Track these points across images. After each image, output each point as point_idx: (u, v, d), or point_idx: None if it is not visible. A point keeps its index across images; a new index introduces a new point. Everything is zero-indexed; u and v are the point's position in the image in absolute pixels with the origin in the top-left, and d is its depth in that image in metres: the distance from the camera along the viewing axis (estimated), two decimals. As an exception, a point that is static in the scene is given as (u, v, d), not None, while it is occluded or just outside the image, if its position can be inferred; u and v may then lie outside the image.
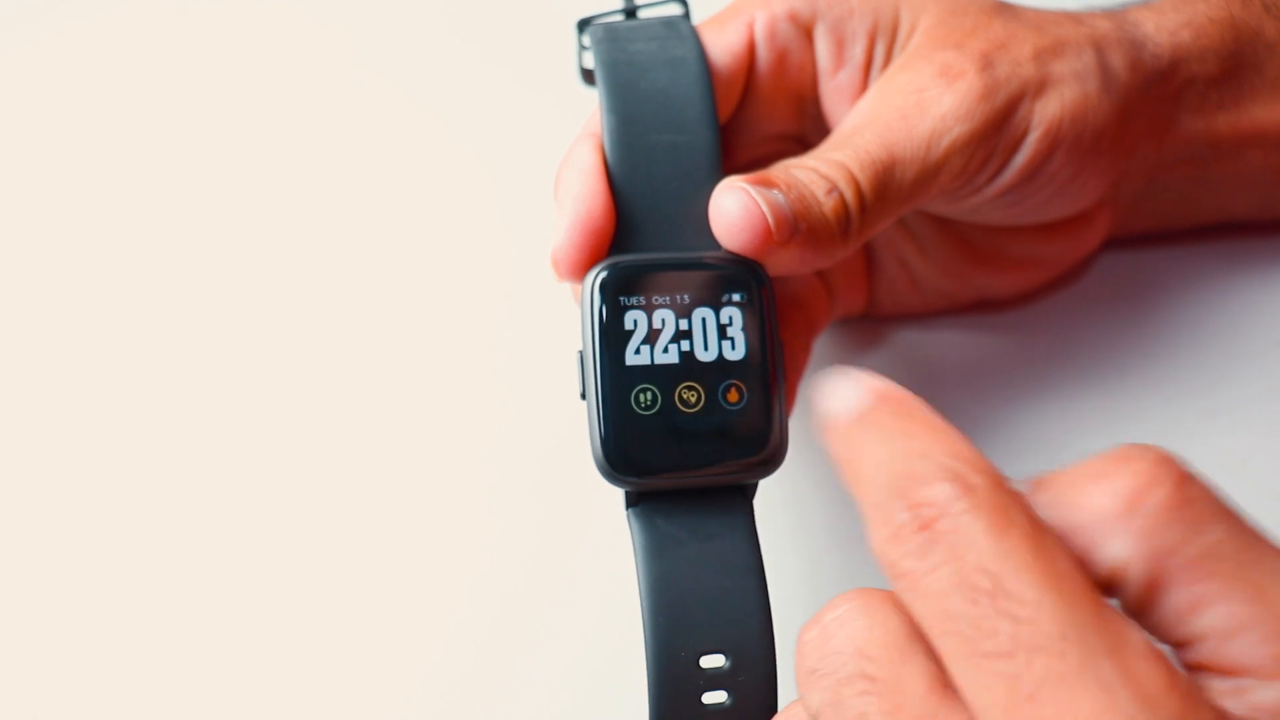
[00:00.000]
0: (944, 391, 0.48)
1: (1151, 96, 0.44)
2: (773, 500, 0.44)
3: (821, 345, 0.48)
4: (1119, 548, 0.26)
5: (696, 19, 0.44)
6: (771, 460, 0.36)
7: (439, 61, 0.57)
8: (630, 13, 0.43)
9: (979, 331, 0.49)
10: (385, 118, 0.56)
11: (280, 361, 0.49)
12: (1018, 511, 0.25)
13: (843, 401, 0.30)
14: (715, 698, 0.35)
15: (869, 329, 0.49)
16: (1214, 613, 0.25)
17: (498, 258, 0.52)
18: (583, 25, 0.43)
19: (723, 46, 0.42)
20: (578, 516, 0.45)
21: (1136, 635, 0.24)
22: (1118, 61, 0.43)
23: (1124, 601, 0.27)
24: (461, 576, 0.44)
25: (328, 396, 0.48)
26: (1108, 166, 0.44)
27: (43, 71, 0.58)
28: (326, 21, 0.59)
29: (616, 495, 0.37)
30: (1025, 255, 0.47)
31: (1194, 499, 0.26)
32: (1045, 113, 0.41)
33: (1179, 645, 0.26)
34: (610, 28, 0.42)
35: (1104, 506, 0.26)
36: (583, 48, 0.43)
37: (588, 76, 0.43)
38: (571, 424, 0.45)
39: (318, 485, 0.46)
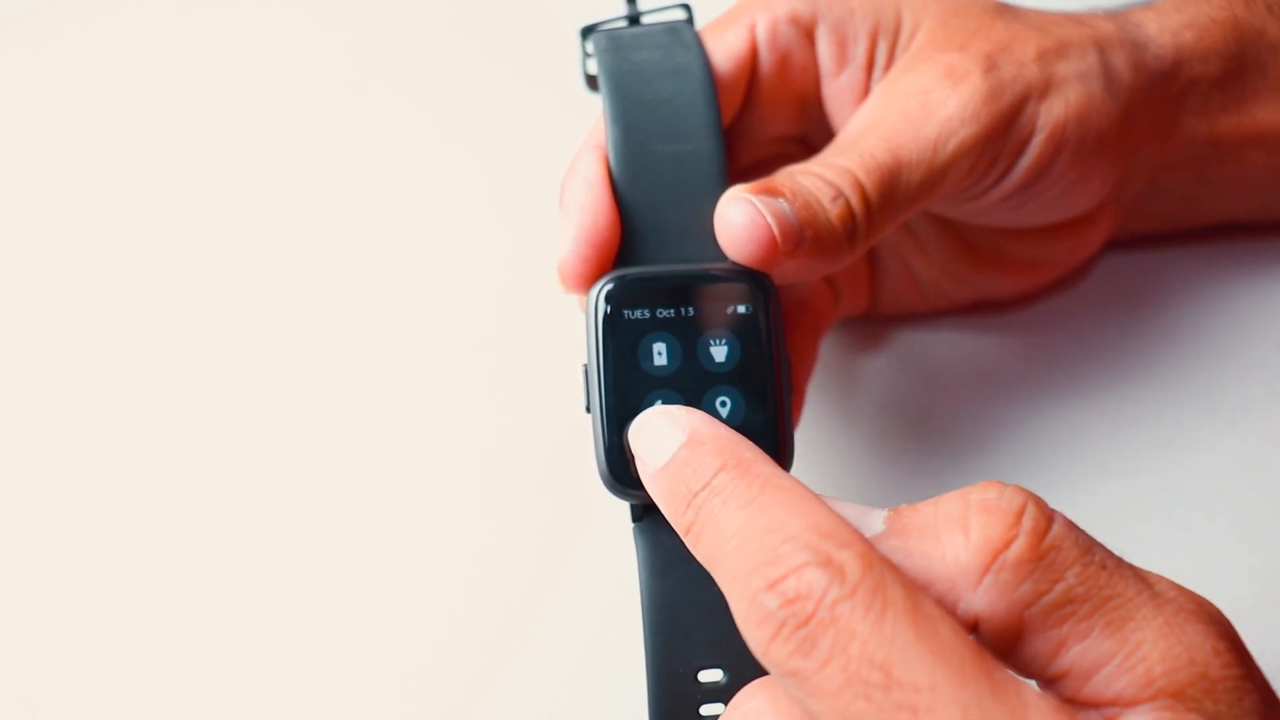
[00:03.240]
0: (945, 392, 0.48)
1: (1154, 98, 0.44)
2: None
3: (825, 346, 0.48)
4: (975, 601, 0.27)
5: (699, 21, 0.44)
6: None
7: (440, 62, 0.57)
8: (634, 19, 0.43)
9: (981, 332, 0.49)
10: (386, 119, 0.56)
11: (281, 363, 0.49)
12: (893, 585, 0.25)
13: (663, 448, 0.30)
14: (713, 709, 0.35)
15: (871, 329, 0.49)
16: (1073, 652, 0.26)
17: (499, 259, 0.52)
18: (586, 32, 0.43)
19: (725, 51, 0.41)
20: (579, 521, 0.45)
21: (1034, 697, 0.25)
22: (1121, 63, 0.43)
23: (984, 644, 0.27)
24: (462, 580, 0.44)
25: (328, 399, 0.48)
26: (1111, 168, 0.43)
27: (43, 71, 0.57)
28: (327, 22, 0.59)
29: (617, 500, 0.37)
30: (1027, 257, 0.47)
31: (1051, 549, 0.27)
32: (1050, 114, 0.41)
33: (1044, 681, 0.27)
34: (613, 35, 0.42)
35: (960, 561, 0.27)
36: (586, 54, 0.43)
37: (592, 83, 0.43)
38: (572, 427, 0.45)
39: (319, 487, 0.46)
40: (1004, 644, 0.27)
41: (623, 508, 0.37)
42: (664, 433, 0.31)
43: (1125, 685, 0.26)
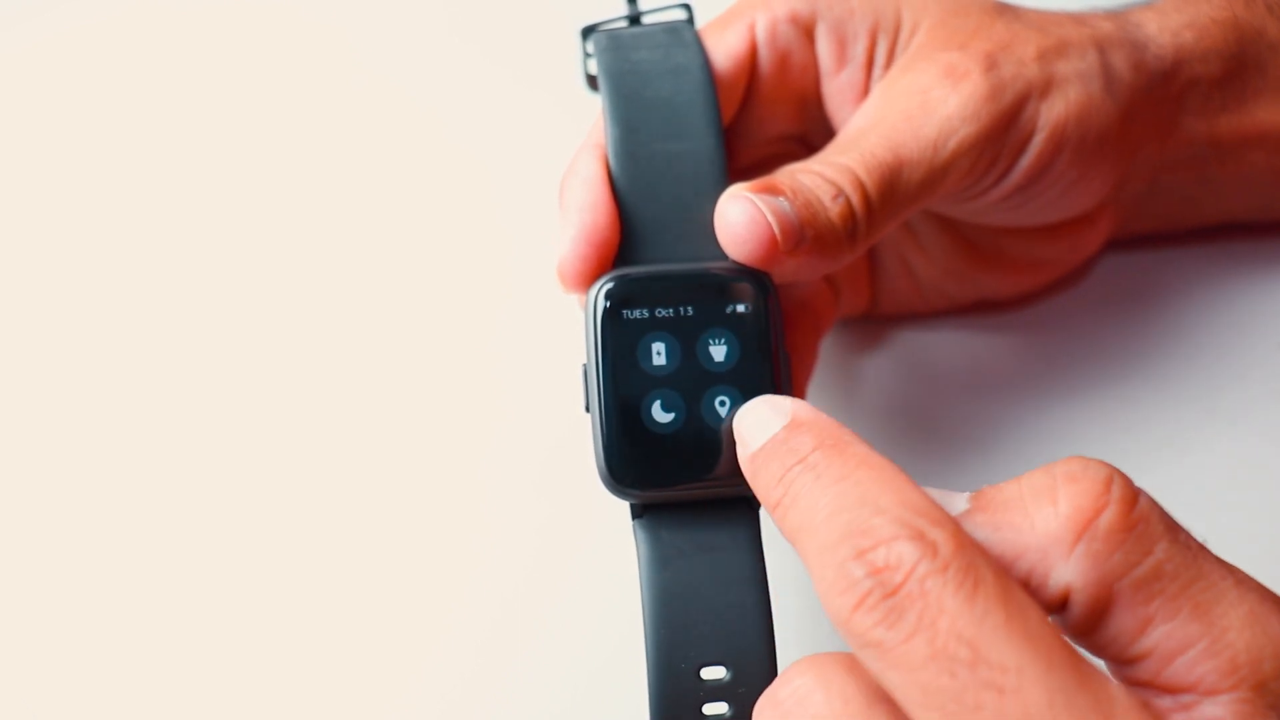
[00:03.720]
0: (945, 392, 0.48)
1: (1154, 98, 0.44)
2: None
3: (825, 345, 0.48)
4: (1066, 572, 0.27)
5: (699, 21, 0.44)
6: None
7: (440, 62, 0.57)
8: (634, 19, 0.43)
9: (981, 332, 0.49)
10: (386, 119, 0.56)
11: (281, 363, 0.49)
12: (984, 567, 0.25)
13: (764, 429, 0.30)
14: (716, 709, 0.35)
15: (871, 329, 0.49)
16: (1159, 632, 0.26)
17: (498, 259, 0.52)
18: (587, 32, 0.43)
19: (725, 50, 0.41)
20: (579, 519, 0.45)
21: (1118, 691, 0.24)
22: (1121, 62, 0.43)
23: (1068, 621, 0.27)
24: (462, 578, 0.44)
25: (328, 398, 0.48)
26: (1111, 168, 0.43)
27: (43, 71, 0.57)
28: (327, 22, 0.59)
29: (617, 499, 0.37)
30: (1027, 256, 0.47)
31: (1140, 520, 0.27)
32: (1051, 114, 0.41)
33: (1123, 663, 0.27)
34: (614, 35, 0.42)
35: (1051, 530, 0.27)
36: (587, 54, 0.43)
37: (593, 83, 0.43)
38: (572, 426, 0.45)
39: (319, 487, 0.46)
40: (1093, 617, 0.27)
41: (623, 507, 0.36)
42: (766, 417, 0.31)
43: (1208, 671, 0.26)
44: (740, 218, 0.36)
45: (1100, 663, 0.28)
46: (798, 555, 0.28)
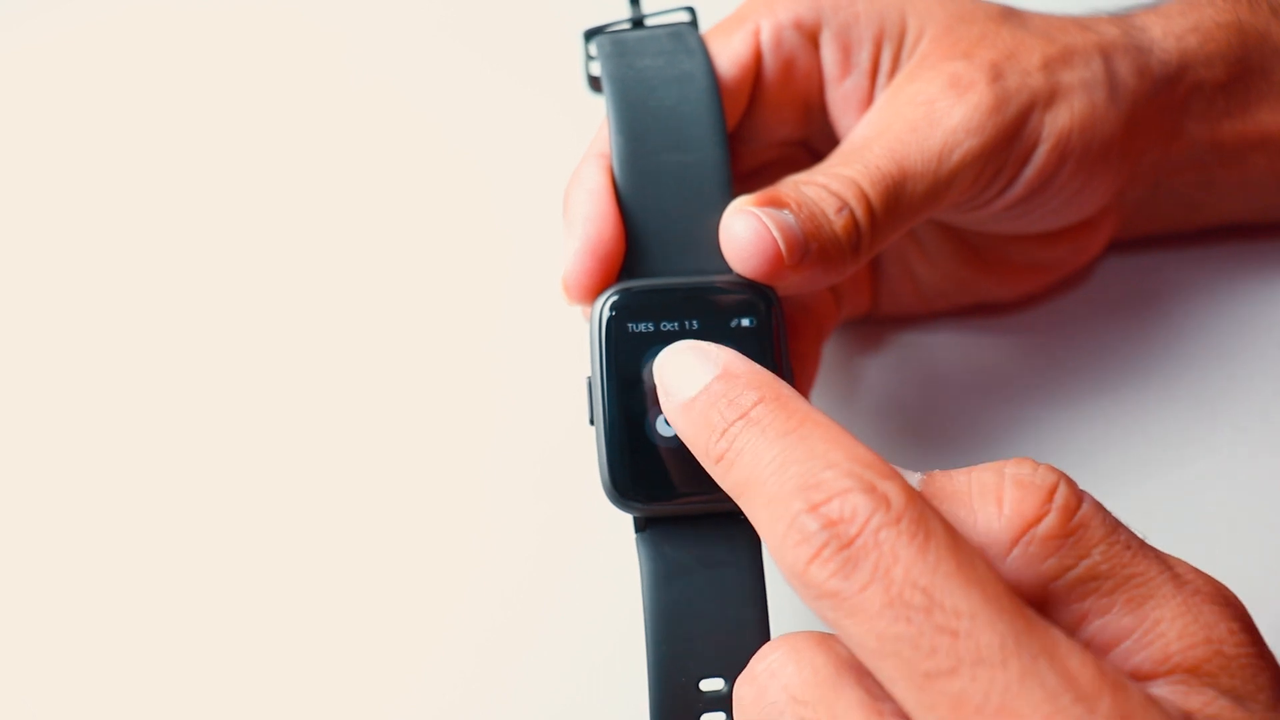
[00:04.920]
0: (946, 393, 0.48)
1: (1159, 103, 0.44)
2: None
3: (826, 347, 0.48)
4: (1004, 571, 0.28)
5: (702, 23, 0.43)
6: None
7: (440, 66, 0.57)
8: (637, 22, 0.43)
9: (982, 334, 0.49)
10: (387, 122, 0.55)
11: (281, 368, 0.49)
12: (934, 519, 0.26)
13: (694, 380, 0.31)
14: (714, 719, 0.35)
15: (872, 331, 0.49)
16: (1093, 627, 0.27)
17: (500, 265, 0.52)
18: (590, 35, 0.43)
19: (729, 56, 0.41)
20: (580, 530, 0.45)
21: (1059, 633, 0.25)
22: (1125, 69, 0.43)
23: None
24: (463, 589, 0.44)
25: (329, 405, 0.48)
26: (1114, 175, 0.43)
27: (43, 71, 0.57)
28: (326, 24, 0.58)
29: (619, 510, 0.37)
30: (1029, 261, 0.47)
31: (1079, 527, 0.28)
32: (1055, 124, 0.41)
33: None
34: (618, 40, 0.41)
35: (992, 530, 0.28)
36: (590, 57, 0.43)
37: (594, 85, 0.43)
38: (575, 438, 0.45)
39: (320, 494, 0.46)
40: None
41: (622, 515, 0.37)
42: (694, 365, 0.31)
43: (1142, 660, 0.27)
44: (745, 233, 0.36)
45: None
46: (743, 508, 0.29)
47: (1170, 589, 0.27)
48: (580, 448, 0.45)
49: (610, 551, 0.43)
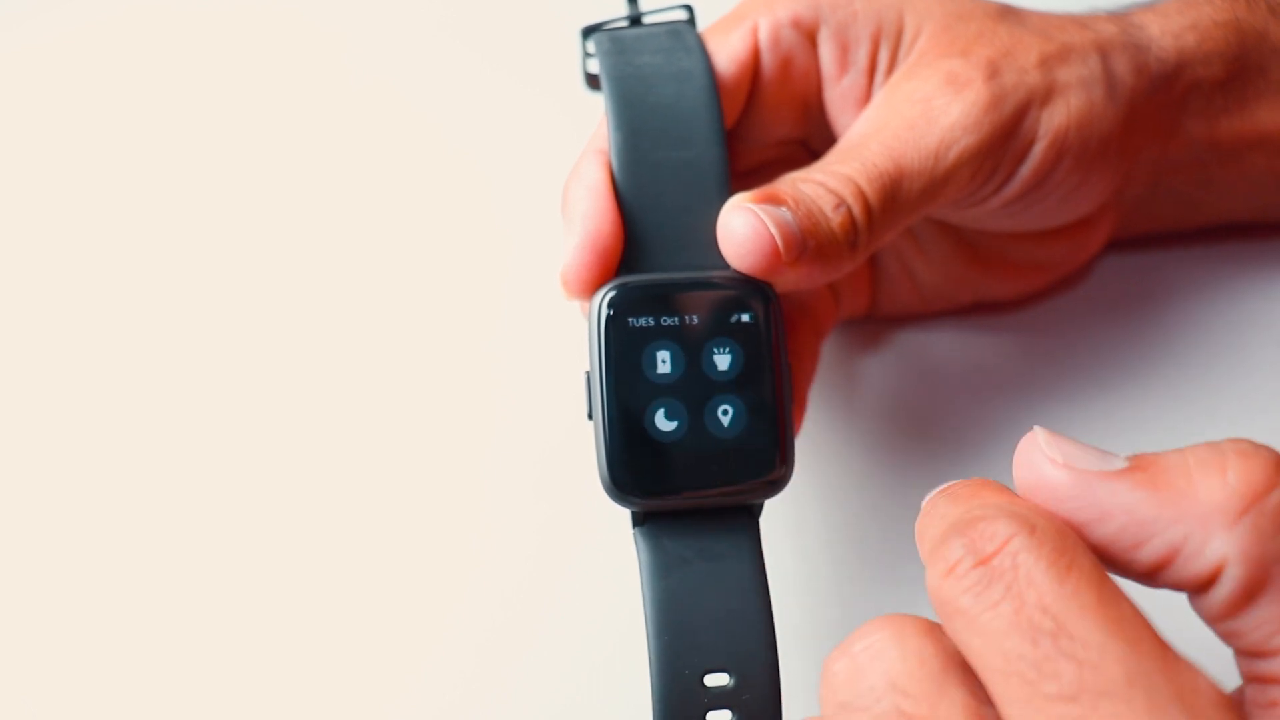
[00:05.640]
0: (945, 392, 0.48)
1: (1156, 101, 0.44)
2: (777, 518, 0.44)
3: (825, 347, 0.48)
4: (1225, 544, 0.26)
5: (700, 21, 0.43)
6: (778, 480, 0.36)
7: (437, 64, 0.57)
8: (635, 20, 0.43)
9: (980, 333, 0.49)
10: (385, 121, 0.55)
11: (281, 367, 0.49)
12: (1080, 553, 0.25)
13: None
14: (719, 716, 0.35)
15: (871, 330, 0.49)
16: None
17: (498, 262, 0.52)
18: (588, 32, 0.43)
19: (728, 54, 0.41)
20: (579, 523, 0.45)
21: (1205, 682, 0.24)
22: (1123, 67, 0.43)
23: (1213, 599, 0.26)
24: (462, 583, 0.44)
25: (327, 403, 0.48)
26: (1112, 173, 0.43)
27: (43, 71, 0.57)
28: (324, 24, 0.58)
29: (618, 506, 0.37)
30: (1027, 259, 0.47)
31: None
32: (1052, 122, 0.41)
33: (1259, 655, 0.26)
34: (616, 37, 0.41)
35: (1216, 499, 0.26)
36: (587, 54, 0.43)
37: (592, 82, 0.43)
38: (573, 432, 0.45)
39: (319, 493, 0.46)
40: (1243, 596, 0.26)
41: (622, 511, 0.37)
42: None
43: None
44: (743, 229, 0.36)
45: (1228, 651, 0.27)
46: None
47: None
48: (579, 444, 0.45)
49: (610, 550, 0.43)
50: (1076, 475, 0.27)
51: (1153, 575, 0.27)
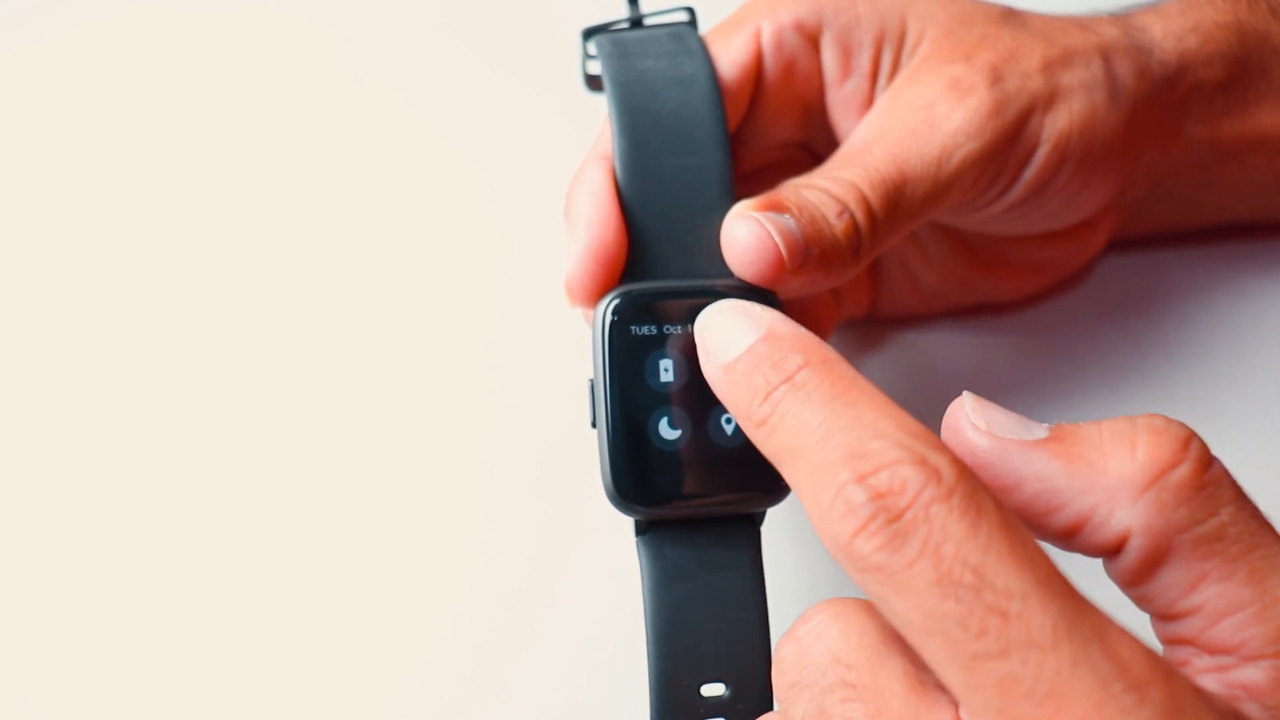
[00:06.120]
0: (946, 393, 0.47)
1: (1159, 104, 0.44)
2: (779, 526, 0.44)
3: (825, 348, 0.48)
4: (1129, 516, 0.27)
5: (701, 23, 0.43)
6: (780, 490, 0.36)
7: (438, 65, 0.57)
8: (636, 22, 0.43)
9: (981, 334, 0.49)
10: (385, 121, 0.55)
11: (281, 368, 0.49)
12: (985, 496, 0.25)
13: (737, 341, 0.30)
14: None
15: (871, 331, 0.49)
16: (1210, 591, 0.26)
17: (499, 262, 0.52)
18: (589, 34, 0.43)
19: (730, 58, 0.41)
20: (581, 525, 0.45)
21: (1111, 620, 0.25)
22: (1125, 70, 0.43)
23: (1120, 566, 0.27)
24: (462, 588, 0.44)
25: (327, 403, 0.48)
26: (1114, 176, 0.43)
27: (43, 71, 0.57)
28: (325, 24, 0.58)
29: (620, 513, 0.37)
30: (1028, 261, 0.47)
31: (1212, 481, 0.27)
32: (1055, 126, 0.41)
33: (1168, 618, 0.27)
34: (618, 40, 0.41)
35: (1124, 473, 0.27)
36: (588, 55, 0.43)
37: (592, 83, 0.43)
38: (575, 439, 0.45)
39: (320, 495, 0.46)
40: (1147, 565, 0.27)
41: (625, 519, 0.37)
42: (738, 326, 0.30)
43: (1253, 635, 0.26)
44: (747, 237, 0.36)
45: (1144, 617, 0.28)
46: (784, 475, 0.28)
47: None
48: (581, 450, 0.45)
49: (610, 553, 0.43)
50: (997, 442, 0.28)
51: (1065, 539, 0.28)
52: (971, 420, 0.29)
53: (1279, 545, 0.27)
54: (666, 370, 0.35)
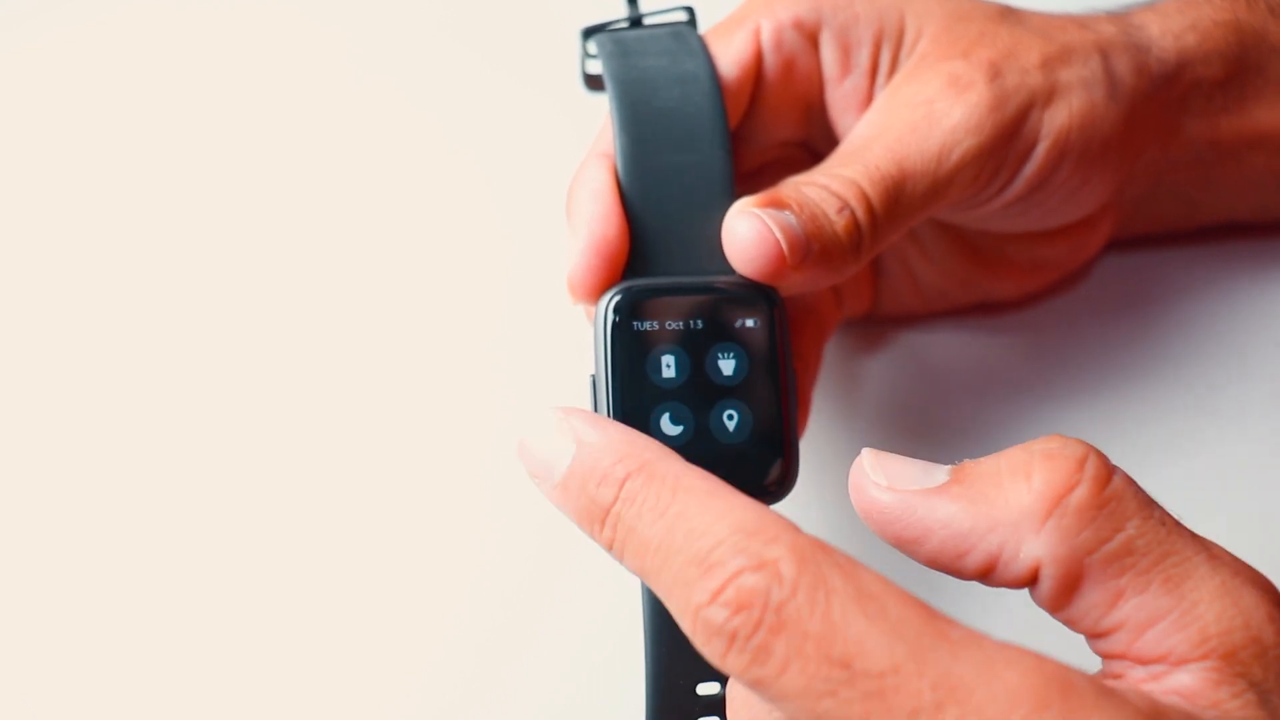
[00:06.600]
0: (946, 393, 0.48)
1: (1157, 101, 0.44)
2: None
3: (827, 347, 0.48)
4: (1036, 546, 0.27)
5: (700, 23, 0.43)
6: (783, 485, 0.36)
7: (439, 65, 0.57)
8: (636, 21, 0.43)
9: (981, 333, 0.49)
10: (385, 121, 0.55)
11: (282, 367, 0.49)
12: (830, 571, 0.25)
13: (558, 457, 0.30)
14: None
15: (872, 331, 0.49)
16: (1130, 605, 0.27)
17: (499, 261, 0.52)
18: (589, 33, 0.43)
19: (730, 56, 0.41)
20: (578, 531, 0.45)
21: (991, 644, 0.25)
22: (1124, 67, 0.43)
23: (1040, 594, 0.28)
24: (460, 586, 0.44)
25: (328, 403, 0.48)
26: (1113, 173, 0.44)
27: (43, 71, 0.57)
28: (326, 24, 0.58)
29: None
30: (1028, 259, 0.47)
31: (1112, 498, 0.27)
32: (1054, 123, 0.41)
33: (1096, 635, 0.27)
34: (618, 40, 0.41)
35: (1024, 505, 0.27)
36: (588, 55, 0.43)
37: (591, 82, 0.43)
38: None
39: (320, 494, 0.46)
40: (1063, 590, 0.27)
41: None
42: (552, 442, 0.30)
43: (1178, 642, 0.26)
44: (748, 234, 0.36)
45: (1078, 637, 0.28)
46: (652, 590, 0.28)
47: (1208, 569, 0.27)
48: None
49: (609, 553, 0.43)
50: (899, 496, 0.29)
51: (983, 578, 0.28)
52: (872, 478, 0.29)
53: (1192, 548, 0.27)
54: (668, 366, 0.36)
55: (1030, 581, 0.27)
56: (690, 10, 0.43)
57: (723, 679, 0.35)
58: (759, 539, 0.26)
